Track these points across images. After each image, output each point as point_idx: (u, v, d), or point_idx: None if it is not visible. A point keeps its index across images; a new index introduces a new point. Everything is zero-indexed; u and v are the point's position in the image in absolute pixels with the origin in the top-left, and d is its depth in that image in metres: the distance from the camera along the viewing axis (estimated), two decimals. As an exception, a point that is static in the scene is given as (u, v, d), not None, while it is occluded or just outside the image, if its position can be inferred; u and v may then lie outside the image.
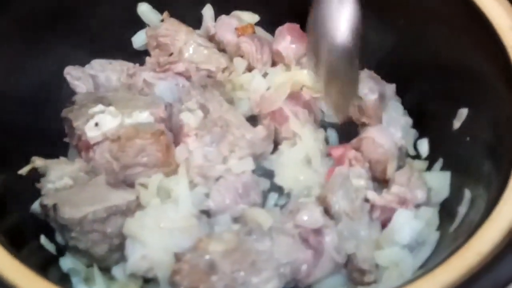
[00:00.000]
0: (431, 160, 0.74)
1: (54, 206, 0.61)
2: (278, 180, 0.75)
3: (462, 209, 0.61)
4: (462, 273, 0.44)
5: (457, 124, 0.69)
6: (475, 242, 0.47)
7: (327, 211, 0.68)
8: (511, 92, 0.58)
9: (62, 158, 0.73)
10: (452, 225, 0.61)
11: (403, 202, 0.66)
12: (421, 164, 0.75)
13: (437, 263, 0.47)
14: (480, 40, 0.64)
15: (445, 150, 0.72)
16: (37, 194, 0.67)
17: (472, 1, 0.64)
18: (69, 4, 0.76)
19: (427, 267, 0.53)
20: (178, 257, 0.61)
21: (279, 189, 0.75)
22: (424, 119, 0.76)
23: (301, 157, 0.76)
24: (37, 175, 0.69)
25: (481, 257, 0.45)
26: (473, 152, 0.64)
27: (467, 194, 0.61)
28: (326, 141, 0.79)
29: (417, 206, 0.66)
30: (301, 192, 0.74)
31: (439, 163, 0.72)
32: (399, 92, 0.78)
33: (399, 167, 0.73)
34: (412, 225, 0.65)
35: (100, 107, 0.70)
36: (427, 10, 0.71)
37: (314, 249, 0.64)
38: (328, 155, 0.76)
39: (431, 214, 0.65)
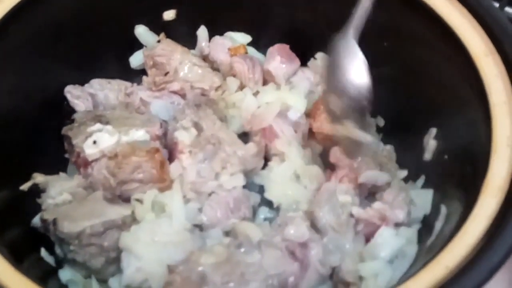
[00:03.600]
0: (414, 176, 0.77)
1: (54, 221, 0.64)
2: (267, 195, 0.78)
3: (438, 224, 0.64)
4: (431, 286, 0.48)
5: (435, 142, 0.73)
6: (444, 256, 0.50)
7: (314, 225, 0.71)
8: (485, 115, 0.61)
9: (61, 174, 0.76)
10: (429, 239, 0.64)
11: (383, 218, 0.69)
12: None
13: (410, 275, 0.51)
14: (458, 65, 0.67)
15: (426, 167, 0.75)
16: (37, 208, 0.70)
17: (450, 28, 0.67)
18: (69, 27, 0.79)
19: (401, 279, 0.57)
20: (171, 269, 0.64)
21: (269, 204, 0.78)
22: (405, 136, 0.79)
23: (289, 173, 0.79)
24: (37, 190, 0.71)
25: (449, 271, 0.49)
26: (449, 170, 0.68)
27: (443, 210, 0.65)
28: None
29: (398, 224, 0.69)
30: (289, 207, 0.77)
31: (421, 180, 0.76)
32: (383, 112, 0.82)
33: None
34: (393, 242, 0.68)
35: (98, 125, 0.73)
36: (408, 34, 0.74)
37: (300, 261, 0.67)
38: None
39: (411, 233, 0.69)
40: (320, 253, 0.67)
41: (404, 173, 0.78)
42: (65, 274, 0.67)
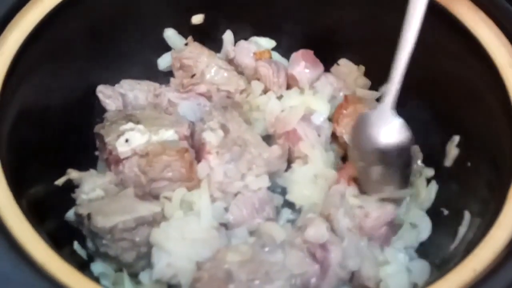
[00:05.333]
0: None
1: (88, 215, 0.66)
2: (289, 197, 0.80)
3: (462, 230, 0.66)
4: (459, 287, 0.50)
5: (457, 150, 0.74)
6: (471, 260, 0.52)
7: (332, 228, 0.72)
8: (509, 124, 0.63)
9: (92, 170, 0.78)
10: (453, 244, 0.65)
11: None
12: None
13: (436, 278, 0.52)
14: (482, 75, 0.69)
15: (448, 172, 0.77)
16: (69, 203, 0.72)
17: (475, 39, 0.69)
18: (102, 29, 0.81)
19: (427, 281, 0.58)
20: (199, 266, 0.66)
21: (291, 205, 0.80)
22: (428, 143, 0.81)
23: (310, 176, 0.80)
24: (71, 185, 0.74)
25: (476, 274, 0.50)
26: (473, 177, 0.69)
27: (467, 215, 0.66)
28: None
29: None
30: (310, 209, 0.78)
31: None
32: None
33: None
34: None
35: (130, 124, 0.75)
36: (434, 44, 0.76)
37: (320, 264, 0.68)
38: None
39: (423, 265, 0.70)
40: (339, 256, 0.68)
41: (431, 171, 0.79)
42: (97, 267, 0.69)
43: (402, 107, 0.82)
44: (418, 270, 0.69)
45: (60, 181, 0.72)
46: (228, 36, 0.94)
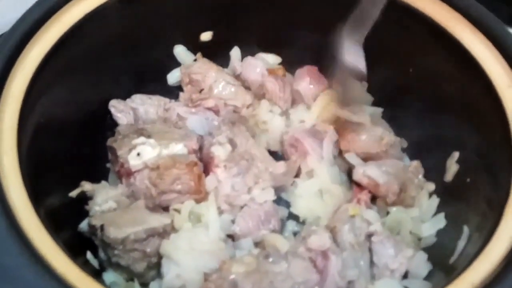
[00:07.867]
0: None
1: (101, 227, 0.68)
2: (293, 210, 0.82)
3: (461, 244, 0.68)
4: (457, 301, 0.52)
5: (457, 165, 0.77)
6: (469, 274, 0.54)
7: (334, 240, 0.74)
8: (507, 142, 0.66)
9: (103, 182, 0.80)
10: (452, 257, 0.67)
11: None
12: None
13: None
14: (481, 95, 0.71)
15: (448, 187, 0.79)
16: (82, 214, 0.75)
17: (474, 59, 0.71)
18: (115, 46, 0.84)
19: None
20: (205, 277, 0.68)
21: (296, 218, 0.82)
22: (428, 159, 0.83)
23: (315, 190, 0.82)
24: (84, 197, 0.76)
25: (474, 287, 0.53)
26: (472, 192, 0.72)
27: (466, 230, 0.68)
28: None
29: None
30: (314, 222, 0.80)
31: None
32: (407, 135, 0.87)
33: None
34: None
35: (142, 139, 0.78)
36: (434, 63, 0.79)
37: (320, 271, 0.70)
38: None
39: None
40: (339, 265, 0.70)
41: (432, 186, 0.81)
42: (108, 277, 0.71)
43: (404, 124, 0.86)
44: (417, 283, 0.71)
45: (74, 193, 0.74)
46: (235, 52, 0.97)
